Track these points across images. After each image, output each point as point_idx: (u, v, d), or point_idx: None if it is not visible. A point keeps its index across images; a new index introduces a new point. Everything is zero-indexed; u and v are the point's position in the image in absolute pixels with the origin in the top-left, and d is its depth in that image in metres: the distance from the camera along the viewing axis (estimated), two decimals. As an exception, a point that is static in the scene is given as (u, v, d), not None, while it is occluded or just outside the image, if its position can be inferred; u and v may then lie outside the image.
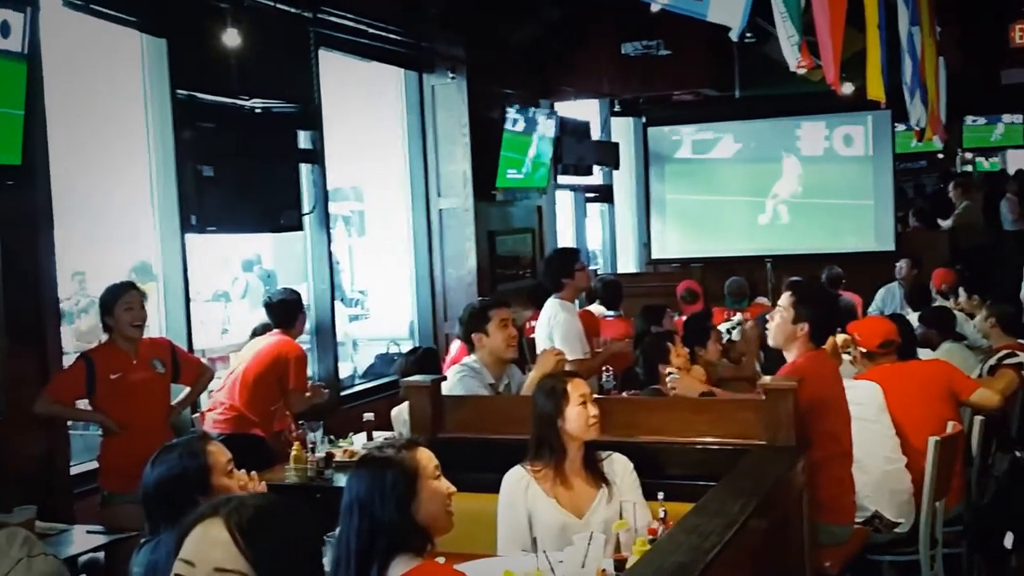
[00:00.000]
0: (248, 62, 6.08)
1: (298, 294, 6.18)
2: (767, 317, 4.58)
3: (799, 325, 4.16)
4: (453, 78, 8.38)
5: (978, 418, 4.93)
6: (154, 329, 5.52)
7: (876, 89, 4.67)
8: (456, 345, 6.38)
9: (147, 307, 5.13)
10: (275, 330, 5.86)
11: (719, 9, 3.30)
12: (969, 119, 15.73)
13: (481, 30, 8.44)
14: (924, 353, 5.79)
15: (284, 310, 5.88)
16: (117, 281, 5.14)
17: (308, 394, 5.89)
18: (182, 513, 2.83)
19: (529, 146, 8.99)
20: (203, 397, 6.26)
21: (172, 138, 5.90)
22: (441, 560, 2.95)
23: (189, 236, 6.03)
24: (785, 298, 4.24)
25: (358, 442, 5.42)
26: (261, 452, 5.44)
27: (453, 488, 2.77)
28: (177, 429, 5.40)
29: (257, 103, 6.31)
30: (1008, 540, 4.75)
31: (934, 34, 7.22)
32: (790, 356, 4.22)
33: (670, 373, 4.87)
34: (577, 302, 6.92)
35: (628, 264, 12.91)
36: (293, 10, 6.73)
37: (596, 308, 7.93)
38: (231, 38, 5.83)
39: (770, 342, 4.48)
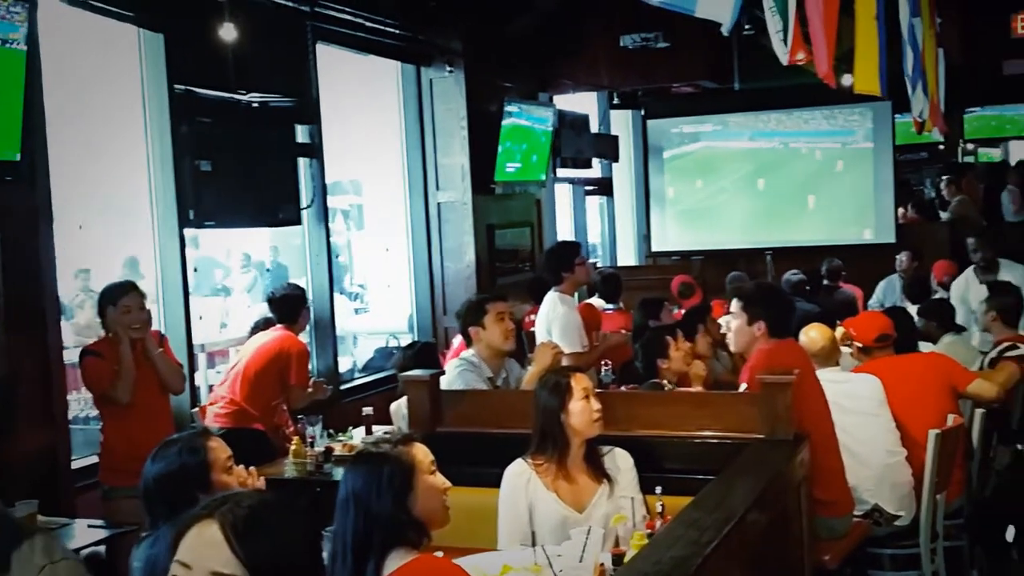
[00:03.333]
0: (246, 56, 6.07)
1: (302, 289, 6.17)
2: (722, 324, 4.65)
3: (755, 325, 4.26)
4: (451, 71, 8.37)
5: (979, 411, 4.92)
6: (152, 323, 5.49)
7: (867, 83, 4.65)
8: (458, 339, 6.38)
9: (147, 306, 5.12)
10: (277, 325, 5.85)
11: (708, 4, 3.28)
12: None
13: (479, 23, 8.42)
14: (925, 347, 5.80)
15: (287, 305, 5.87)
16: (116, 280, 5.15)
17: (310, 390, 5.89)
18: (181, 509, 2.84)
19: (527, 139, 8.97)
20: (203, 391, 6.28)
21: (170, 133, 5.90)
22: (439, 554, 2.95)
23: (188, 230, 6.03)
24: (734, 304, 4.37)
25: (357, 436, 5.42)
26: (262, 447, 5.44)
27: (448, 483, 2.77)
28: (178, 423, 5.42)
29: (255, 97, 6.30)
30: (1009, 533, 4.75)
31: (934, 25, 7.20)
32: None
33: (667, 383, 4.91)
34: (577, 295, 6.93)
35: (628, 257, 12.91)
36: (290, 4, 6.71)
37: (596, 301, 7.93)
38: (228, 32, 5.81)
39: (732, 349, 4.52)
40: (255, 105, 6.32)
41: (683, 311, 7.01)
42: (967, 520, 4.79)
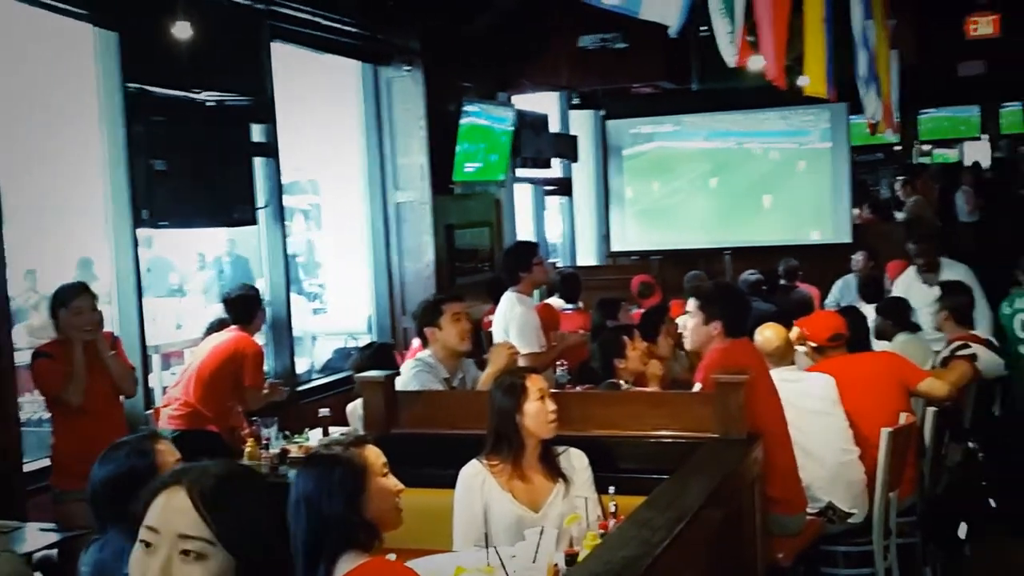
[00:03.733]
0: (201, 55, 6.00)
1: (257, 290, 6.12)
2: (679, 324, 4.68)
3: (711, 325, 4.28)
4: (409, 71, 8.34)
5: (931, 409, 4.98)
6: (105, 325, 5.42)
7: (817, 85, 4.69)
8: (417, 340, 6.36)
9: (99, 308, 5.05)
10: (232, 326, 5.80)
11: (653, 6, 3.29)
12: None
13: (438, 22, 8.40)
14: (882, 345, 5.86)
15: (243, 306, 5.83)
16: (68, 281, 5.08)
17: (265, 391, 5.84)
18: (130, 512, 2.82)
19: (487, 139, 8.96)
20: (157, 392, 6.21)
21: (124, 132, 5.82)
22: (392, 557, 2.93)
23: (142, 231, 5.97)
24: (691, 303, 4.39)
25: (314, 438, 5.37)
26: (216, 448, 5.38)
27: (401, 485, 2.77)
28: (132, 425, 5.35)
29: (210, 96, 6.24)
30: (962, 530, 4.79)
31: (887, 27, 7.28)
32: None
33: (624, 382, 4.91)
34: (537, 294, 6.93)
35: (588, 257, 12.93)
36: (246, 2, 6.65)
37: (555, 301, 7.94)
38: (183, 31, 5.74)
39: (688, 347, 4.55)
40: (210, 104, 6.26)
41: (642, 311, 7.03)
42: (920, 517, 4.84)
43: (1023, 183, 12.91)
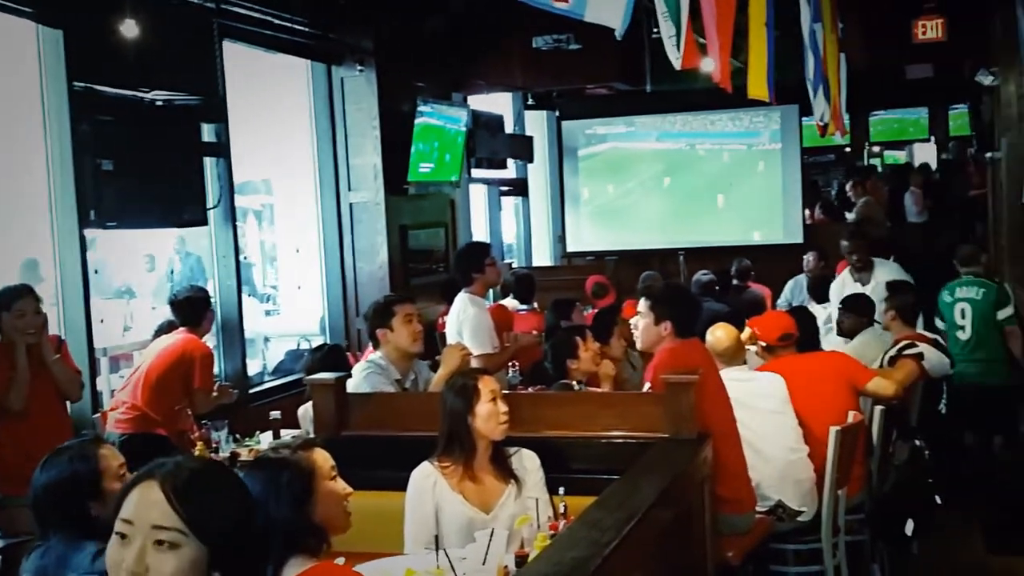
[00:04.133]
0: (149, 53, 5.93)
1: (205, 291, 6.06)
2: (631, 323, 4.70)
3: (662, 325, 4.32)
4: (361, 70, 8.30)
5: (878, 408, 5.04)
6: (51, 327, 5.33)
7: (757, 88, 4.72)
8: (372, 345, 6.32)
9: (44, 310, 4.97)
10: (181, 328, 5.74)
11: (597, 9, 3.29)
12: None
13: (391, 22, 8.36)
14: (836, 342, 5.93)
15: (190, 308, 5.76)
16: (10, 284, 4.99)
17: (215, 394, 5.78)
18: (72, 518, 2.78)
19: (441, 139, 8.94)
20: (105, 395, 6.13)
21: (69, 131, 5.73)
22: (341, 560, 2.91)
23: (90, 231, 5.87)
24: (642, 304, 4.45)
25: (265, 441, 5.33)
26: (164, 452, 5.31)
27: (350, 489, 2.75)
28: (80, 430, 5.28)
29: (158, 95, 6.16)
30: (908, 527, 4.85)
31: (836, 31, 7.36)
32: None
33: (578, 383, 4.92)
34: (492, 294, 6.91)
35: (543, 257, 12.95)
36: (195, 1, 6.58)
37: (510, 302, 7.93)
38: (130, 29, 5.68)
39: (639, 347, 4.58)
40: (159, 103, 6.18)
41: (594, 311, 7.05)
42: (868, 515, 4.90)
43: (970, 184, 13.10)
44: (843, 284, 7.20)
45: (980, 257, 7.36)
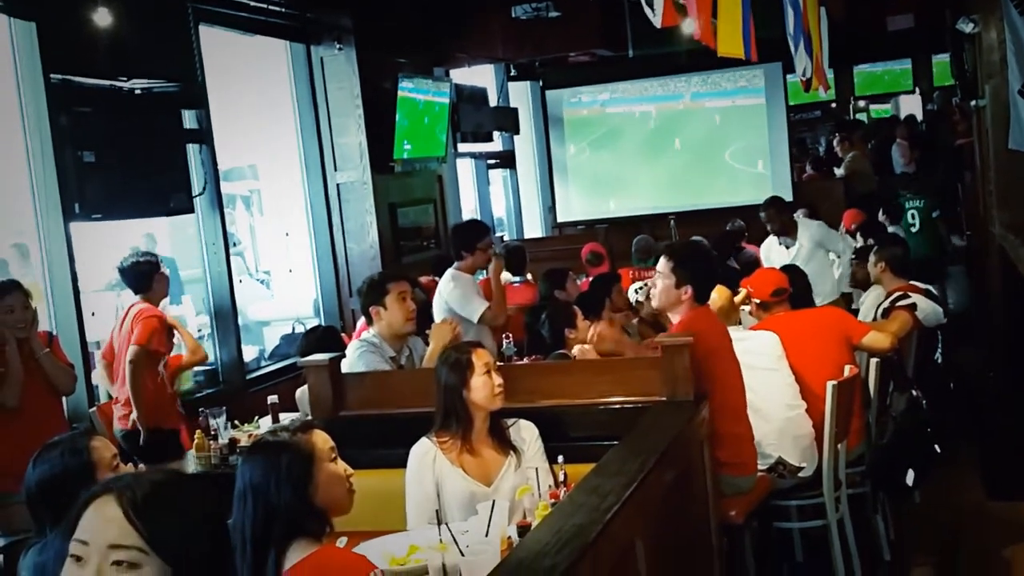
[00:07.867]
0: (124, 42, 5.87)
1: (153, 256, 5.89)
2: (648, 283, 4.63)
3: (683, 288, 4.21)
4: (341, 49, 8.23)
5: (874, 360, 5.04)
6: (41, 323, 5.30)
7: (729, 45, 4.65)
8: (363, 320, 6.29)
9: (33, 305, 4.94)
10: (136, 297, 5.67)
11: None
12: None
13: (367, -2, 8.29)
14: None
15: (136, 274, 5.65)
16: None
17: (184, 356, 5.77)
18: (67, 512, 2.76)
19: (425, 115, 8.89)
20: (101, 389, 6.10)
21: (48, 124, 5.67)
22: (343, 541, 2.91)
23: (75, 224, 5.82)
24: (663, 264, 4.27)
25: (264, 426, 5.30)
26: (173, 445, 5.35)
27: (351, 470, 2.73)
28: (74, 423, 5.26)
29: (137, 84, 6.10)
30: (909, 477, 4.86)
31: (815, -16, 7.30)
32: (675, 318, 4.26)
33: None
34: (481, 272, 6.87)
35: (534, 229, 12.93)
36: (168, -14, 6.52)
37: (502, 275, 7.89)
38: (103, 18, 5.62)
39: (655, 306, 4.52)
40: (138, 92, 6.12)
41: (589, 279, 7.03)
42: (868, 467, 4.91)
43: (956, 133, 13.07)
44: (769, 248, 7.70)
45: None
